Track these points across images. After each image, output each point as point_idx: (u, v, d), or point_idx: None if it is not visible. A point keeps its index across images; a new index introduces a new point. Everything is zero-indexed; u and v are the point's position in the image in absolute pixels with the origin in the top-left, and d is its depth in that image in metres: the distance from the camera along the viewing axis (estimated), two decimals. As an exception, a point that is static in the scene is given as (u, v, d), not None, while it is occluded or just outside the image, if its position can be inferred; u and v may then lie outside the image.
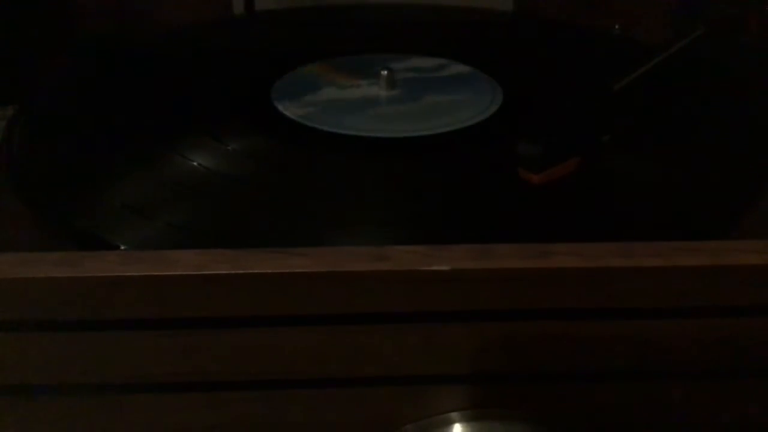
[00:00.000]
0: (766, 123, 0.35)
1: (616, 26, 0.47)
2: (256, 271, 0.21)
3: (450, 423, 0.24)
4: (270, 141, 0.33)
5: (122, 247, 0.26)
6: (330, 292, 0.22)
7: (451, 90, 0.37)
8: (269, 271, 0.21)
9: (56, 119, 0.36)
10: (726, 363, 0.24)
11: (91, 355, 0.23)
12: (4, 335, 0.22)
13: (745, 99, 0.37)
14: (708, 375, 0.24)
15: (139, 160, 0.31)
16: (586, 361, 0.23)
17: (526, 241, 0.22)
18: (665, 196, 0.30)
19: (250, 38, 0.47)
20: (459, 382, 0.24)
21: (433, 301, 0.22)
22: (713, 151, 0.33)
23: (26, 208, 0.29)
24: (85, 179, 0.31)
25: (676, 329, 0.23)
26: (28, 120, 0.35)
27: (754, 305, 0.23)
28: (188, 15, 0.49)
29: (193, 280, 0.21)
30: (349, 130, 0.33)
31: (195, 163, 0.31)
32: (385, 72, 0.37)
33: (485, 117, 0.34)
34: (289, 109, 0.35)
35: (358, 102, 0.36)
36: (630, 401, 0.25)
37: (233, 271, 0.21)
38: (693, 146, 0.33)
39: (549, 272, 0.21)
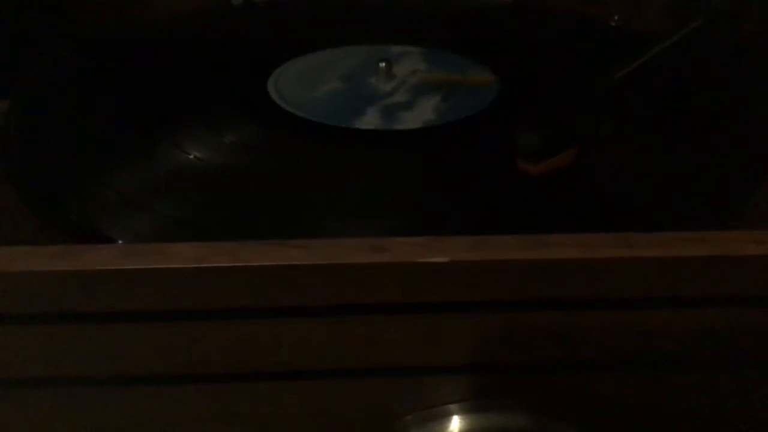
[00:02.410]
0: (766, 113, 0.35)
1: (615, 17, 0.47)
2: (254, 263, 0.21)
3: (450, 414, 0.24)
4: (267, 132, 0.33)
5: (120, 242, 0.26)
6: (328, 284, 0.22)
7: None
8: (268, 263, 0.21)
9: (52, 111, 0.36)
10: (725, 353, 0.24)
11: (90, 348, 0.23)
12: (3, 328, 0.22)
13: (744, 89, 0.37)
14: (706, 365, 0.24)
15: (135, 152, 0.31)
16: (585, 352, 0.23)
17: (525, 232, 0.22)
18: (664, 187, 0.30)
19: (248, 28, 0.47)
20: (458, 373, 0.24)
21: (431, 292, 0.22)
22: (712, 141, 0.33)
23: (23, 200, 0.29)
24: (82, 171, 0.31)
25: (675, 319, 0.23)
26: (24, 112, 0.35)
27: (753, 296, 0.23)
28: (187, 4, 0.49)
29: (191, 272, 0.21)
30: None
31: (191, 155, 0.31)
32: (383, 64, 0.37)
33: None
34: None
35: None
36: (629, 391, 0.25)
37: (231, 264, 0.21)
38: (692, 137, 0.33)
39: (547, 262, 0.21)
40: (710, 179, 0.30)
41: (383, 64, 0.37)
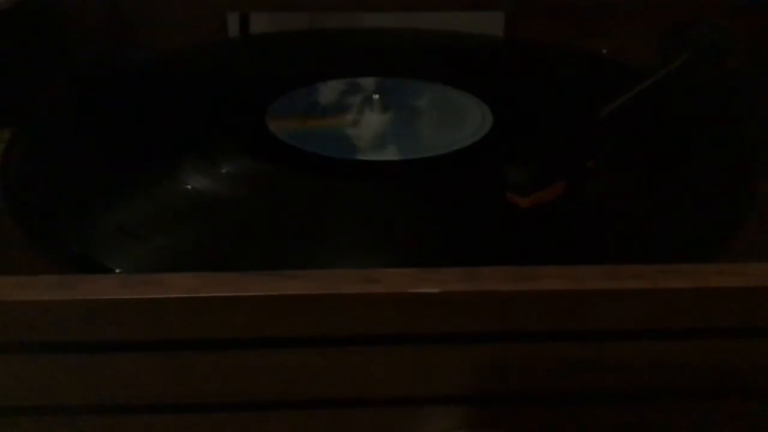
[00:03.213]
0: (751, 148, 0.36)
1: (604, 51, 0.48)
2: (249, 293, 0.21)
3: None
4: (264, 164, 0.33)
5: (117, 271, 0.26)
6: (322, 314, 0.22)
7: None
8: (263, 293, 0.21)
9: (52, 142, 0.36)
10: (711, 385, 0.24)
11: (88, 377, 0.23)
12: (1, 357, 0.22)
13: (730, 123, 0.38)
14: (693, 396, 0.25)
15: (134, 183, 0.32)
16: (574, 383, 0.24)
17: (515, 264, 0.22)
18: (650, 220, 0.30)
19: (245, 61, 0.47)
20: (451, 403, 0.24)
21: (423, 322, 0.22)
22: (698, 175, 0.33)
23: (22, 230, 0.29)
24: (81, 202, 0.31)
25: (662, 351, 0.23)
26: (24, 143, 0.36)
27: (737, 328, 0.23)
28: (184, 37, 0.49)
29: (187, 302, 0.21)
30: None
31: (189, 186, 0.31)
32: (377, 96, 0.38)
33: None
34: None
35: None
36: (618, 421, 0.25)
37: (227, 294, 0.21)
38: (678, 170, 0.33)
39: (536, 294, 0.22)
40: (696, 213, 0.31)
41: (377, 96, 0.38)
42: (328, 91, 0.41)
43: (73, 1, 0.49)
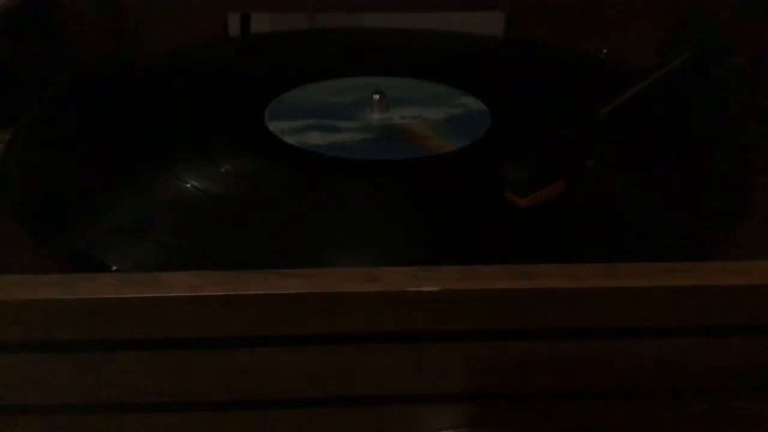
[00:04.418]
0: (749, 147, 0.36)
1: (604, 51, 0.48)
2: (249, 292, 0.21)
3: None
4: (263, 163, 0.33)
5: (114, 268, 0.27)
6: (322, 313, 0.22)
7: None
8: (263, 292, 0.22)
9: (52, 142, 0.36)
10: (711, 383, 0.24)
11: (86, 376, 0.23)
12: (1, 356, 0.22)
13: (730, 122, 0.38)
14: (693, 394, 0.25)
15: (133, 182, 0.32)
16: (573, 380, 0.24)
17: (514, 263, 0.23)
18: (648, 219, 0.30)
19: (245, 60, 0.47)
20: (450, 401, 0.24)
21: (422, 320, 0.22)
22: (697, 174, 0.33)
23: (23, 229, 0.30)
24: (81, 201, 0.31)
25: (662, 349, 0.23)
26: (24, 143, 0.36)
27: (737, 325, 0.23)
28: (184, 37, 0.50)
29: (187, 301, 0.21)
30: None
31: (189, 185, 0.31)
32: (377, 95, 0.38)
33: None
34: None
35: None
36: (617, 419, 0.25)
37: (227, 293, 0.21)
38: (676, 169, 0.34)
39: (534, 292, 0.22)
40: (695, 211, 0.31)
41: (377, 96, 0.38)
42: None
43: (73, 3, 0.49)
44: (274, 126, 0.36)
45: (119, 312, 0.21)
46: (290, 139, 0.35)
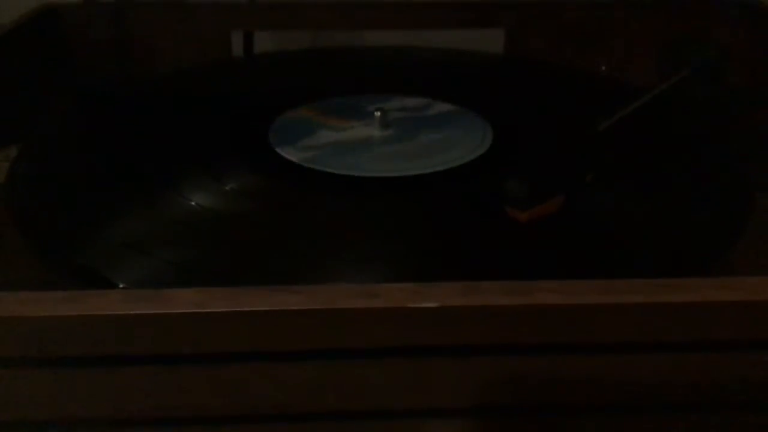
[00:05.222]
0: (748, 164, 0.36)
1: (603, 67, 0.49)
2: (253, 308, 0.22)
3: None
4: (267, 181, 0.34)
5: (121, 285, 0.27)
6: (323, 328, 0.22)
7: (443, 130, 0.38)
8: (266, 308, 0.22)
9: (58, 159, 0.37)
10: (708, 399, 0.24)
11: (93, 392, 0.23)
12: (8, 372, 0.23)
13: (727, 139, 0.38)
14: (690, 410, 0.25)
15: (139, 200, 0.32)
16: (571, 396, 0.24)
17: (515, 278, 0.23)
18: (647, 234, 0.30)
19: (249, 80, 0.48)
20: (449, 417, 0.24)
21: (422, 336, 0.22)
22: (695, 189, 0.34)
23: (30, 246, 0.30)
24: (87, 218, 0.31)
25: (660, 365, 0.24)
26: (31, 160, 0.36)
27: (734, 341, 0.23)
28: (188, 57, 0.50)
29: (191, 317, 0.22)
30: (343, 170, 0.34)
31: (193, 203, 0.32)
32: (379, 113, 0.38)
33: (476, 156, 0.35)
34: (286, 150, 0.36)
35: (352, 142, 0.37)
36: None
37: (230, 309, 0.22)
38: (675, 185, 0.34)
39: (533, 308, 0.22)
40: (694, 227, 0.31)
41: (379, 113, 0.38)
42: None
43: (78, 21, 0.49)
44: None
45: (125, 328, 0.22)
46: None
